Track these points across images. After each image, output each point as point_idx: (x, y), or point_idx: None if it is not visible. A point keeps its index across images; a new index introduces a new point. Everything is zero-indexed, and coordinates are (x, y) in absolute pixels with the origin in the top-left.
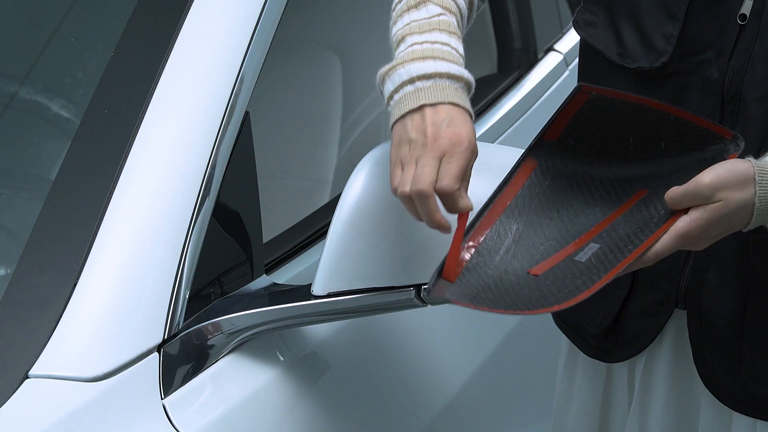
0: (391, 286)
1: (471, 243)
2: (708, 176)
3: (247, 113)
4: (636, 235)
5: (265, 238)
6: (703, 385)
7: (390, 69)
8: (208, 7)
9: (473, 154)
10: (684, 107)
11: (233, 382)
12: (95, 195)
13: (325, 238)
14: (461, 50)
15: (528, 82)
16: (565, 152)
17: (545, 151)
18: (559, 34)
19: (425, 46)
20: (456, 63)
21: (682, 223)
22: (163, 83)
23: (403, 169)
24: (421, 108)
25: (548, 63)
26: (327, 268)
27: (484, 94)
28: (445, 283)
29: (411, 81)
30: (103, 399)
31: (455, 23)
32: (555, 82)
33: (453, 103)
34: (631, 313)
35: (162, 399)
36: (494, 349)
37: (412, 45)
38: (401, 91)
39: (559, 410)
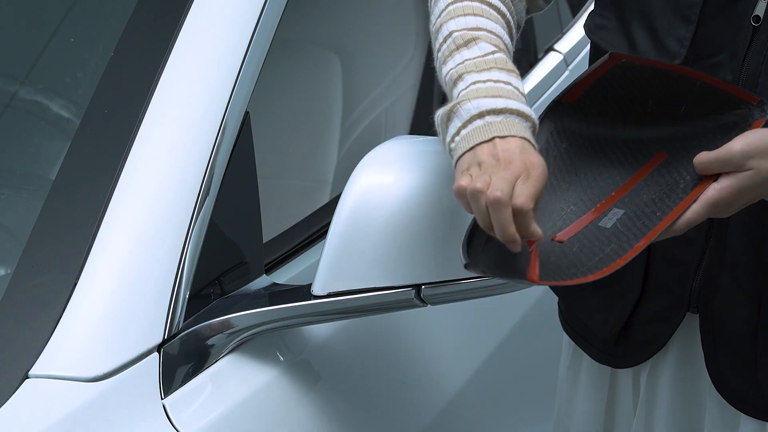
0: (391, 286)
1: None
2: (739, 143)
3: (247, 113)
4: (662, 200)
5: (265, 238)
6: (709, 389)
7: (455, 105)
8: (208, 7)
9: (546, 181)
10: None
11: (233, 382)
12: (95, 195)
13: (325, 238)
14: (522, 89)
15: (528, 82)
16: (581, 113)
17: (561, 113)
18: (559, 34)
19: (489, 84)
20: (522, 102)
21: (713, 191)
22: (163, 83)
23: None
24: (491, 139)
25: (548, 63)
26: (327, 268)
27: None
28: (475, 249)
29: (480, 115)
30: (103, 399)
31: (509, 59)
32: (555, 82)
33: (523, 138)
34: (643, 318)
35: (162, 399)
36: (494, 349)
37: (474, 83)
38: (470, 125)
39: (562, 413)
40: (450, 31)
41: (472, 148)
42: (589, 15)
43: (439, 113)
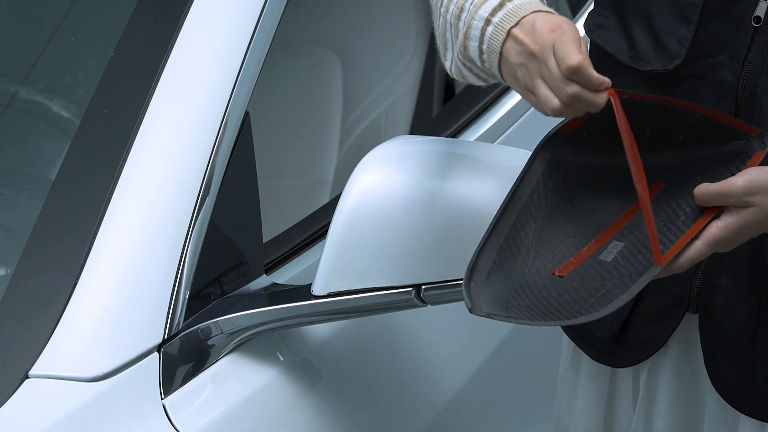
0: (391, 286)
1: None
2: (742, 179)
3: (247, 113)
4: (663, 233)
5: (265, 238)
6: (708, 388)
7: (467, 29)
8: (208, 7)
9: (575, 29)
10: None
11: (233, 382)
12: (95, 195)
13: (325, 238)
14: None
15: None
16: (577, 144)
17: (556, 144)
18: None
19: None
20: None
21: (716, 229)
22: (163, 83)
23: (535, 94)
24: (508, 37)
25: None
26: (327, 268)
27: (484, 94)
28: (477, 290)
29: (487, 23)
30: (103, 399)
31: None
32: None
33: (535, 12)
34: (641, 318)
35: (162, 399)
36: (494, 349)
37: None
38: (485, 42)
39: (562, 413)
40: None
41: (501, 56)
42: (589, 14)
43: (450, 12)
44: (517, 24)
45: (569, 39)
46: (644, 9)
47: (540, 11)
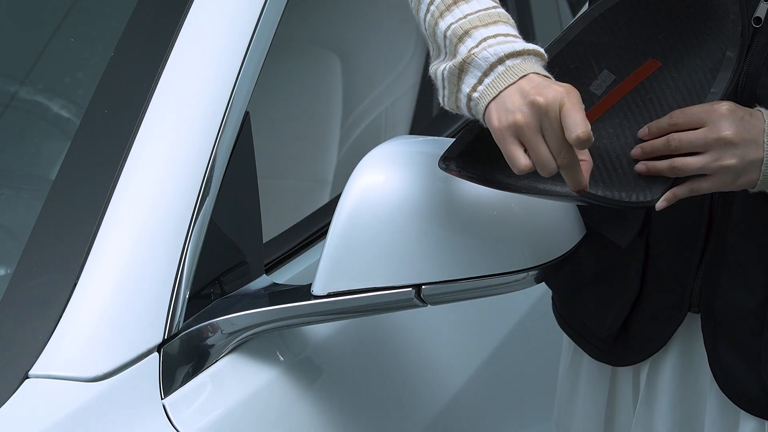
0: (391, 286)
1: None
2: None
3: (247, 113)
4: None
5: (265, 238)
6: (709, 387)
7: (469, 56)
8: (208, 7)
9: (580, 99)
10: None
11: (233, 382)
12: (95, 195)
13: (325, 238)
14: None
15: None
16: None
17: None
18: (559, 34)
19: (499, 38)
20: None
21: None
22: (163, 83)
23: (525, 146)
24: (515, 82)
25: None
26: (327, 268)
27: None
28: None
29: (501, 61)
30: (103, 399)
31: (507, 13)
32: None
33: (545, 76)
34: (642, 317)
35: (162, 399)
36: (494, 348)
37: (485, 39)
38: (492, 73)
39: (563, 412)
40: None
41: (498, 95)
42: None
43: (446, 66)
44: (526, 76)
45: (575, 106)
46: None
47: (548, 78)
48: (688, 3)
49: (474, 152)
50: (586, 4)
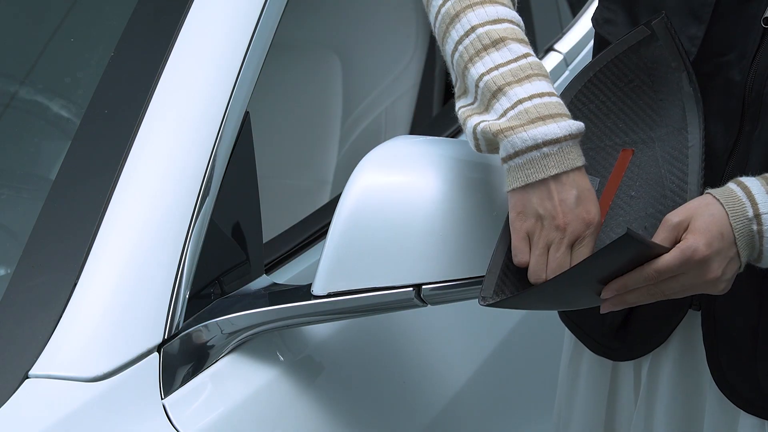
0: (391, 286)
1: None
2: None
3: (247, 113)
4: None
5: (265, 238)
6: (709, 383)
7: (507, 129)
8: (208, 7)
9: (599, 229)
10: (705, 108)
11: (233, 382)
12: (95, 195)
13: (325, 238)
14: (557, 93)
15: None
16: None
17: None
18: (559, 34)
19: (535, 101)
20: (569, 116)
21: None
22: (163, 83)
23: (531, 247)
24: (546, 181)
25: (548, 63)
26: (327, 268)
27: None
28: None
29: (537, 147)
30: (103, 399)
31: (539, 60)
32: (555, 82)
33: (577, 168)
34: (643, 314)
35: (162, 399)
36: (494, 348)
37: (519, 102)
38: (525, 155)
39: (563, 406)
40: (472, 26)
41: (525, 186)
42: (597, 8)
43: (481, 126)
44: (558, 178)
45: (589, 245)
46: (655, 6)
47: (582, 173)
48: (631, 78)
49: (507, 275)
50: (586, 6)
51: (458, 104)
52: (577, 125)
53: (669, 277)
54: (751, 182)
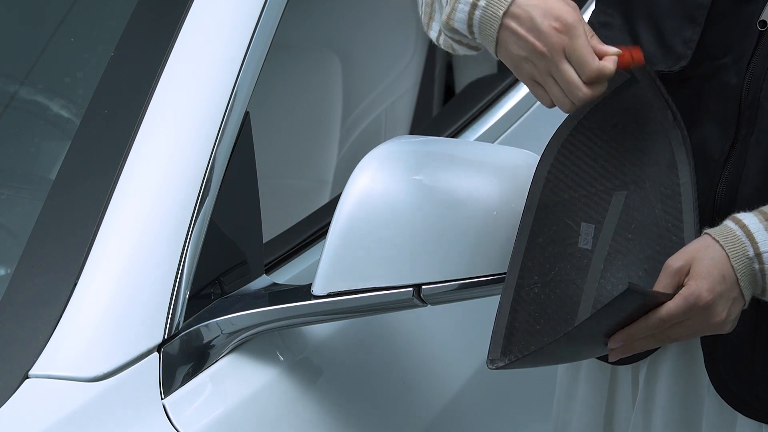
0: (391, 286)
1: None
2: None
3: (247, 113)
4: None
5: (265, 238)
6: (707, 387)
7: (452, 11)
8: (208, 7)
9: (582, 23)
10: (701, 112)
11: (233, 382)
12: (95, 195)
13: (325, 238)
14: None
15: None
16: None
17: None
18: None
19: None
20: None
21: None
22: (163, 83)
23: (544, 87)
24: (503, 26)
25: None
26: (327, 268)
27: (484, 95)
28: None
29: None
30: (103, 399)
31: None
32: None
33: None
34: None
35: (162, 399)
36: None
37: None
38: (474, 17)
39: (562, 409)
40: None
41: (498, 43)
42: (593, 12)
43: (442, 21)
44: (508, 11)
45: (582, 44)
46: (651, 9)
47: None
48: (616, 121)
49: (513, 334)
50: (586, 5)
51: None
52: None
53: (674, 323)
54: (749, 219)
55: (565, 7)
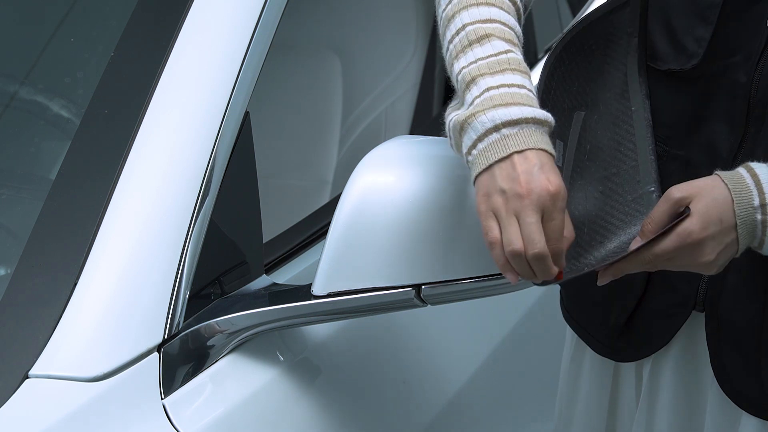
0: (391, 286)
1: None
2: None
3: (247, 113)
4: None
5: (265, 238)
6: (710, 384)
7: (469, 117)
8: (208, 7)
9: (565, 204)
10: (711, 109)
11: (233, 382)
12: (95, 195)
13: (325, 238)
14: (533, 90)
15: None
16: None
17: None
18: (559, 34)
19: (502, 90)
20: (536, 107)
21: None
22: (163, 83)
23: (500, 223)
24: (509, 156)
25: None
26: (327, 268)
27: None
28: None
29: (496, 128)
30: (103, 399)
31: (522, 59)
32: None
33: (540, 149)
34: (647, 314)
35: (162, 399)
36: (495, 348)
37: (488, 90)
38: (486, 140)
39: (564, 406)
40: (463, 24)
41: (489, 167)
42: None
43: (452, 119)
44: (522, 153)
45: (561, 219)
46: (663, 8)
47: (545, 153)
48: (591, 43)
49: None
50: (586, 6)
51: (447, 110)
52: (541, 112)
53: (665, 259)
54: (761, 170)
55: (561, 179)
